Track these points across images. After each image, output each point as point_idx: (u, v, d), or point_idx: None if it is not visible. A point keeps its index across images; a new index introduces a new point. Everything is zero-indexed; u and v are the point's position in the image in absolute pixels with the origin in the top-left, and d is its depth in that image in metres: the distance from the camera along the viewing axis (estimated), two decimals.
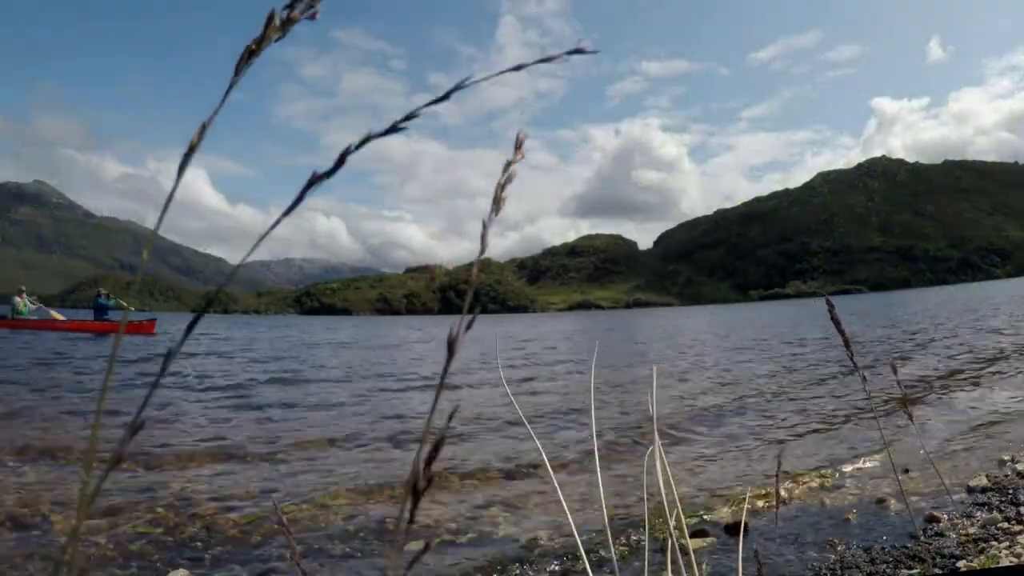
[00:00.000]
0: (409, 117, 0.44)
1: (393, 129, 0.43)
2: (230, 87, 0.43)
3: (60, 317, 22.27)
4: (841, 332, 1.22)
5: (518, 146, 0.45)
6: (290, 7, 0.45)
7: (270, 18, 0.44)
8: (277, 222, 0.44)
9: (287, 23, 0.45)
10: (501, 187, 0.46)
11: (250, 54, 0.44)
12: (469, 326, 0.41)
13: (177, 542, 3.23)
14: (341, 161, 0.43)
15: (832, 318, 1.23)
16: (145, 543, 3.20)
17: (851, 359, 1.21)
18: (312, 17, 0.45)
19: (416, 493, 0.38)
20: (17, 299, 21.90)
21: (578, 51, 0.45)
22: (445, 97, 0.44)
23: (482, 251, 0.45)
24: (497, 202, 0.46)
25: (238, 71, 0.43)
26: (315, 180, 0.43)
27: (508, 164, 0.46)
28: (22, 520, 3.45)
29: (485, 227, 0.43)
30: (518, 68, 0.45)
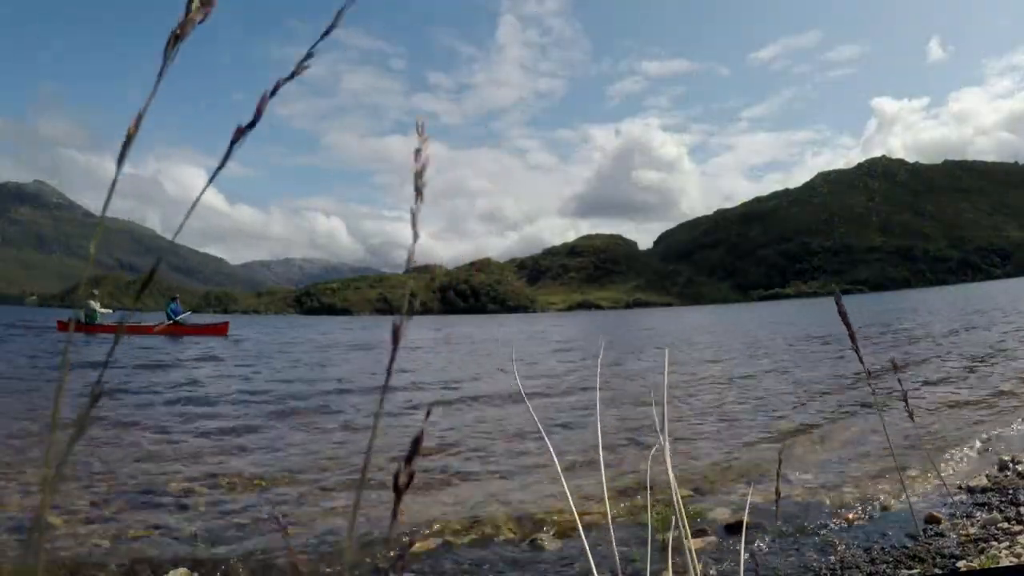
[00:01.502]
0: (309, 55, 0.46)
1: (298, 69, 0.46)
2: (161, 72, 0.44)
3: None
4: (847, 324, 1.22)
5: (419, 132, 0.47)
6: None
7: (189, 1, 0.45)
8: (209, 182, 0.46)
9: (206, 3, 0.46)
10: (418, 175, 0.46)
11: (176, 39, 0.45)
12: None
13: (177, 542, 3.23)
14: (259, 112, 0.45)
15: (839, 312, 1.23)
16: (145, 543, 3.20)
17: (858, 356, 1.20)
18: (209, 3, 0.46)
19: (398, 489, 0.39)
20: (92, 303, 22.23)
21: None
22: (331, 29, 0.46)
23: (415, 238, 0.46)
24: (419, 191, 0.46)
25: (167, 56, 0.44)
26: (241, 133, 0.45)
27: (417, 152, 0.46)
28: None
29: (414, 215, 0.46)
30: None
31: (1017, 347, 11.16)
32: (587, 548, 1.07)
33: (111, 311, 23.27)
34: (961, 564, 2.59)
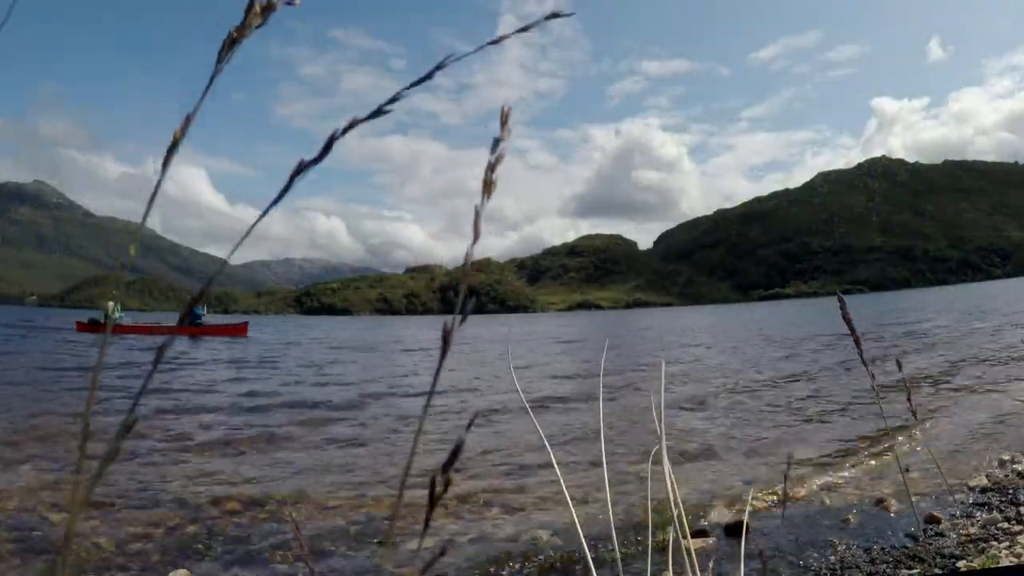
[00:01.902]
0: (394, 100, 0.43)
1: (378, 112, 0.42)
2: (213, 75, 0.42)
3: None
4: (851, 328, 1.21)
5: (504, 122, 0.46)
6: None
7: (251, 4, 0.43)
8: (266, 211, 0.43)
9: (267, 9, 0.44)
10: (491, 168, 0.45)
11: (232, 42, 0.43)
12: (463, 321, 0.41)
13: (177, 542, 3.23)
14: (328, 147, 0.43)
15: (843, 315, 1.23)
16: (145, 543, 3.20)
17: (860, 357, 1.20)
18: (291, 2, 0.45)
19: (432, 498, 0.37)
20: (110, 304, 22.44)
21: (554, 15, 0.46)
22: (428, 77, 0.43)
23: (476, 239, 0.44)
24: (488, 186, 0.44)
25: (220, 58, 0.43)
26: (303, 168, 0.43)
27: (496, 142, 0.45)
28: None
29: (477, 214, 0.43)
30: (497, 42, 0.45)
31: (1018, 347, 11.15)
32: (585, 549, 1.07)
33: (119, 314, 23.45)
34: (961, 564, 2.59)
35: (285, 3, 0.44)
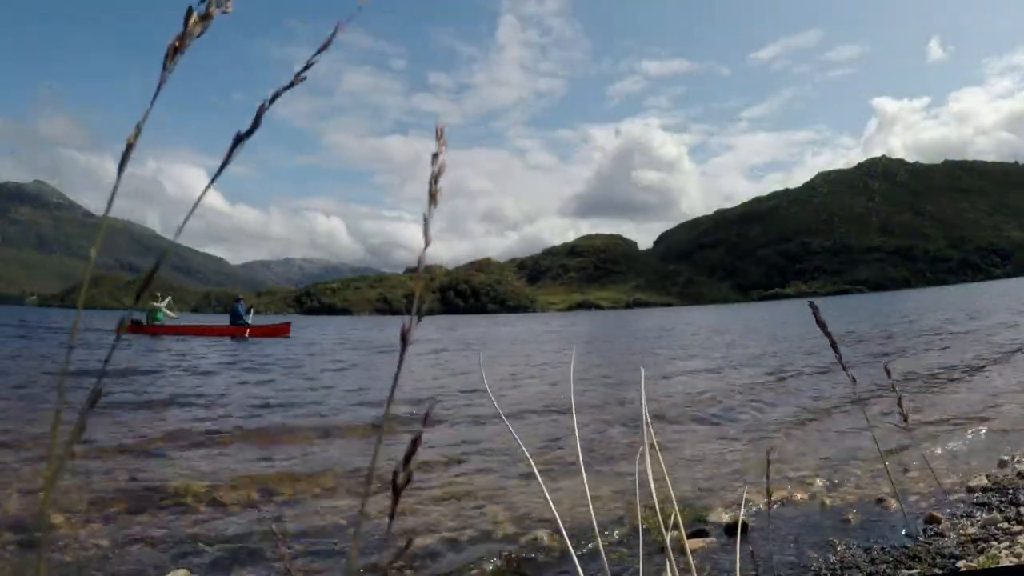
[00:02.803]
0: (307, 66, 0.47)
1: (297, 80, 0.47)
2: (160, 84, 0.45)
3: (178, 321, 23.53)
4: (827, 333, 1.22)
5: (439, 136, 0.49)
6: (206, 2, 0.47)
7: (188, 13, 0.46)
8: (209, 185, 0.47)
9: (205, 18, 0.47)
10: (435, 179, 0.48)
11: (175, 51, 0.46)
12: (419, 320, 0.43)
13: (177, 542, 3.23)
14: (258, 119, 0.46)
15: (816, 320, 1.24)
16: (145, 543, 3.20)
17: (840, 361, 1.21)
18: (225, 11, 0.48)
19: (396, 489, 0.40)
20: (154, 304, 22.23)
21: None
22: (327, 44, 0.48)
23: (427, 244, 0.47)
24: (433, 196, 0.47)
25: (165, 67, 0.45)
26: (239, 139, 0.46)
27: (434, 156, 0.48)
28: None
29: (426, 222, 0.47)
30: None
31: (1020, 347, 11.16)
32: (571, 549, 1.07)
33: (175, 316, 23.37)
34: (961, 564, 2.59)
35: (220, 11, 0.47)
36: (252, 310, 23.53)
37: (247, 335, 21.79)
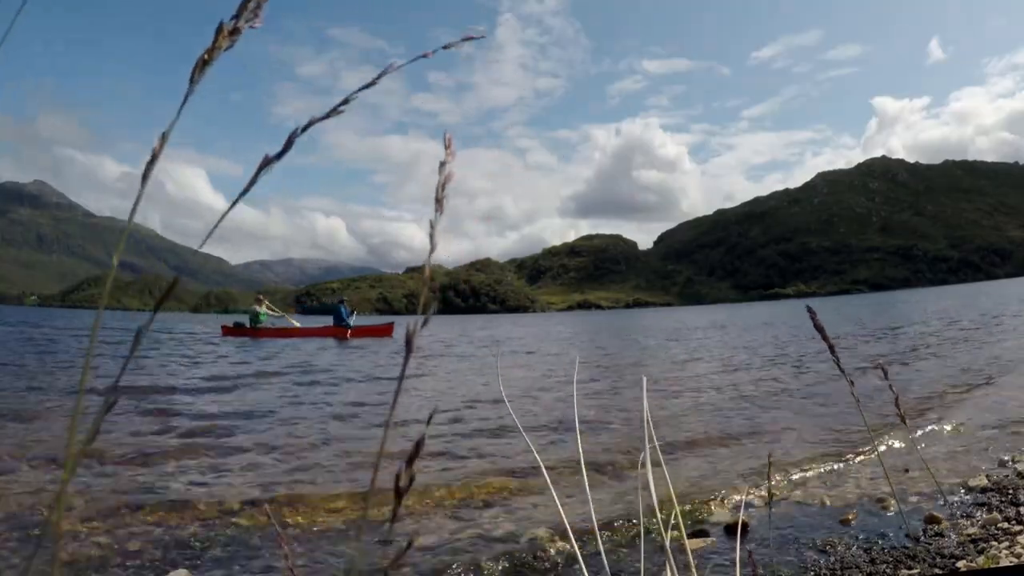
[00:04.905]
0: (346, 101, 0.47)
1: (333, 112, 0.47)
2: (187, 95, 0.45)
3: (297, 324, 23.13)
4: (825, 338, 1.22)
5: (447, 146, 0.49)
6: (236, 17, 0.48)
7: (219, 28, 0.47)
8: (233, 204, 0.47)
9: (234, 32, 0.48)
10: (442, 187, 0.49)
11: (204, 64, 0.46)
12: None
13: (177, 542, 3.23)
14: (289, 144, 0.47)
15: (815, 325, 1.24)
16: (145, 543, 3.20)
17: (837, 364, 1.21)
18: (254, 26, 0.49)
19: (398, 492, 0.40)
20: (256, 307, 22.20)
21: (468, 39, 0.51)
22: (373, 83, 0.48)
23: (432, 249, 0.48)
24: (439, 203, 0.48)
25: (193, 80, 0.46)
26: (268, 162, 0.47)
27: (442, 164, 0.49)
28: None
29: (432, 227, 0.47)
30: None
31: (1020, 346, 11.16)
32: (576, 549, 1.07)
33: (279, 315, 23.18)
34: (961, 564, 2.60)
35: (249, 27, 0.48)
36: (355, 312, 23.24)
37: (348, 336, 21.47)
